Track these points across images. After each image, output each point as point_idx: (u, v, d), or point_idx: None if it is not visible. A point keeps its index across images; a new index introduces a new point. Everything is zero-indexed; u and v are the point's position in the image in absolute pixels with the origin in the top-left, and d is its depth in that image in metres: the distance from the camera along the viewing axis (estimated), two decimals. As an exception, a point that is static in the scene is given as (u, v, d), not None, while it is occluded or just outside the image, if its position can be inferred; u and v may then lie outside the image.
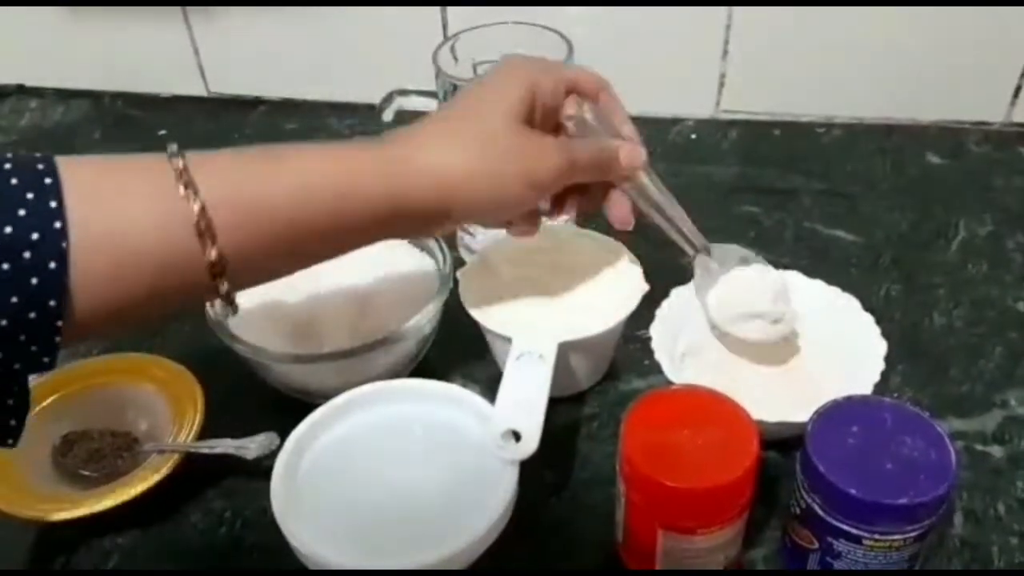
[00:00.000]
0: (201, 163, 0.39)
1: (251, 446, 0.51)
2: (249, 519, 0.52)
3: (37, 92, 0.96)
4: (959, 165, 0.78)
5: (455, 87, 0.62)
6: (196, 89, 0.93)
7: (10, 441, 0.41)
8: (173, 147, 0.40)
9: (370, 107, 0.66)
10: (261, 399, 0.59)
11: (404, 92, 0.65)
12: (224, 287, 0.40)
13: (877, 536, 0.42)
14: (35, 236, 0.35)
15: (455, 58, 0.64)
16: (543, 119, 0.49)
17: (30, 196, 0.35)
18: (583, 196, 0.52)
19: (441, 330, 0.59)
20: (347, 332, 0.55)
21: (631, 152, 0.50)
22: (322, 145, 0.44)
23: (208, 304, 0.56)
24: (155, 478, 0.50)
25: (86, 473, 0.53)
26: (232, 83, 0.92)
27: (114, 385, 0.56)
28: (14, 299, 0.35)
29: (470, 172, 0.45)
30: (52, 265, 0.35)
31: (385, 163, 0.44)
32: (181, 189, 0.38)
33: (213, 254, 0.38)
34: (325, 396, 0.52)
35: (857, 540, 0.43)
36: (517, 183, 0.46)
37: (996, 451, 0.54)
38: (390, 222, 0.44)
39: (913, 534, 0.42)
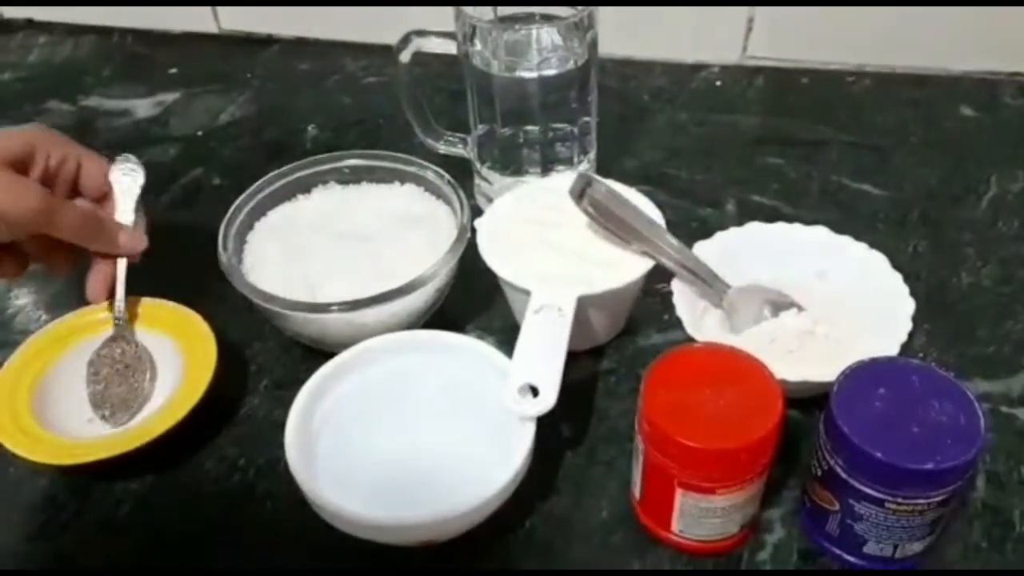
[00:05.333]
0: None
1: (265, 395, 0.51)
2: (263, 467, 0.52)
3: (46, 27, 0.94)
4: (993, 118, 0.76)
5: (475, 28, 0.60)
6: (207, 26, 0.91)
7: None
8: None
9: (386, 48, 0.64)
10: (275, 348, 0.59)
11: (422, 33, 0.63)
12: None
13: (900, 500, 0.41)
14: None
15: (475, -2, 0.62)
16: (47, 179, 0.53)
17: None
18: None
19: (457, 281, 0.58)
20: (362, 281, 0.54)
21: (131, 240, 0.55)
22: None
23: (221, 250, 0.55)
24: (168, 424, 0.50)
25: (99, 419, 0.53)
26: (244, 20, 0.90)
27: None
28: None
29: None
30: None
31: None
32: None
33: None
34: (340, 345, 0.51)
35: (880, 503, 0.42)
36: None
37: (1021, 413, 0.53)
38: None
39: (938, 499, 0.42)
